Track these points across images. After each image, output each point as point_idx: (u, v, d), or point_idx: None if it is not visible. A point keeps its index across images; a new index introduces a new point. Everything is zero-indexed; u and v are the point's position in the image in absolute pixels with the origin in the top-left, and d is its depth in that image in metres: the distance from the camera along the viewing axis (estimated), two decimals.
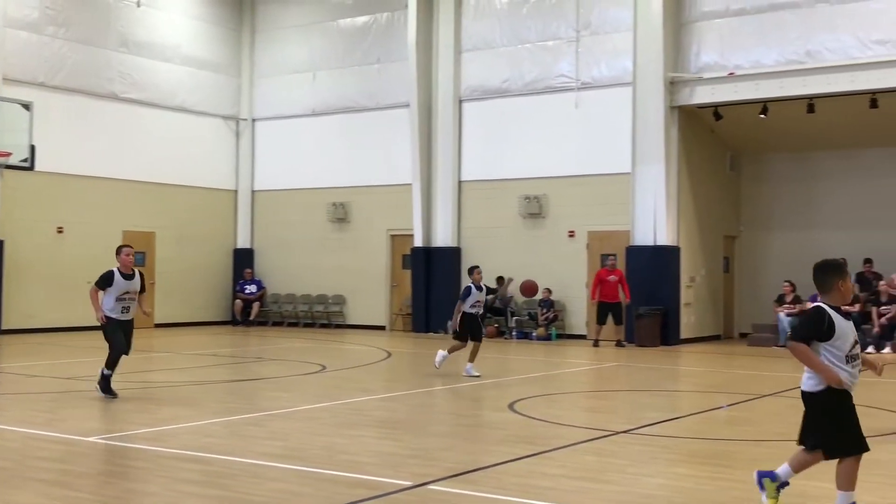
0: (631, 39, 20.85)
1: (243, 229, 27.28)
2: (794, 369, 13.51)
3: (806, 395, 5.93)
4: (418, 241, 23.94)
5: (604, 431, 9.47)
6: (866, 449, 5.93)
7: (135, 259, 11.71)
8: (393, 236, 25.12)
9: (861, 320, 19.78)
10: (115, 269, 11.36)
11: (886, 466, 8.05)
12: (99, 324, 11.31)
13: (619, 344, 20.39)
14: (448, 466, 7.65)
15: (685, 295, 21.08)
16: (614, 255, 20.84)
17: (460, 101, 23.80)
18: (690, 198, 21.52)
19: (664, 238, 20.47)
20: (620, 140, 21.02)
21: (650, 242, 20.52)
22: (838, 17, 19.06)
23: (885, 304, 19.63)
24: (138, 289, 11.47)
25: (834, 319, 5.78)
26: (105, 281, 11.25)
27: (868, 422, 10.06)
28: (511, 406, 11.00)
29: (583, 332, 22.01)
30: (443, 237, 23.73)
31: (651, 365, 16.81)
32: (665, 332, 20.47)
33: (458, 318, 14.15)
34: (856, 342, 5.92)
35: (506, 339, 22.24)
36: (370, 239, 25.31)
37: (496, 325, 22.31)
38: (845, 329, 5.81)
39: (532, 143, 22.65)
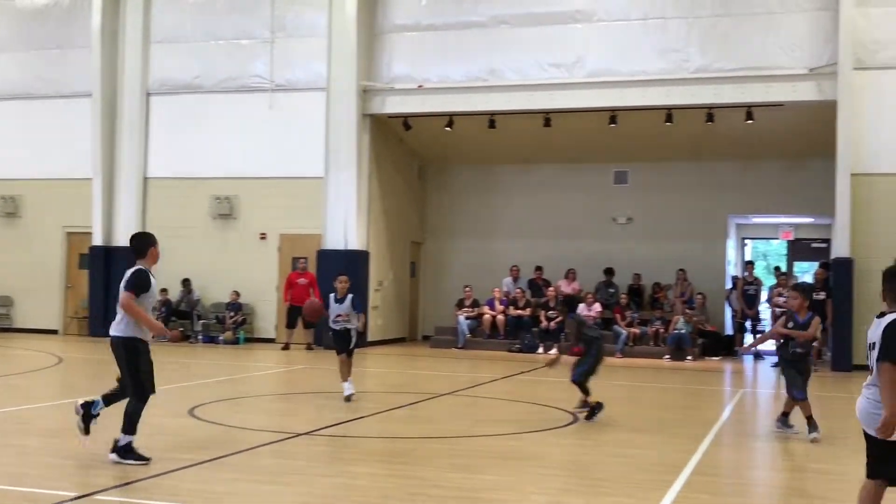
0: (326, 45, 21.01)
1: None
2: (470, 370, 14.18)
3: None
4: (97, 240, 22.60)
5: (285, 434, 9.41)
6: None
7: None
8: (70, 234, 23.53)
9: (532, 323, 21.31)
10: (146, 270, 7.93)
11: (541, 459, 8.64)
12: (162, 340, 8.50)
13: (308, 347, 20.42)
14: (117, 475, 7.25)
15: (373, 298, 21.53)
16: (305, 258, 20.87)
17: (148, 95, 22.78)
18: (380, 204, 22.04)
19: (355, 242, 20.79)
20: (314, 144, 21.08)
21: (341, 246, 20.75)
22: (519, 39, 20.36)
23: (553, 308, 21.20)
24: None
25: None
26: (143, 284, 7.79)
27: (543, 415, 10.77)
28: (191, 411, 10.64)
29: (272, 335, 21.82)
30: (124, 236, 22.55)
31: (337, 368, 16.94)
32: None
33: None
34: None
35: (192, 343, 21.53)
36: (43, 236, 23.53)
37: (181, 329, 21.53)
38: None
39: (224, 142, 22.16)
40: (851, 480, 7.91)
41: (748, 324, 21.09)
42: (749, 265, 22.19)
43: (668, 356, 19.68)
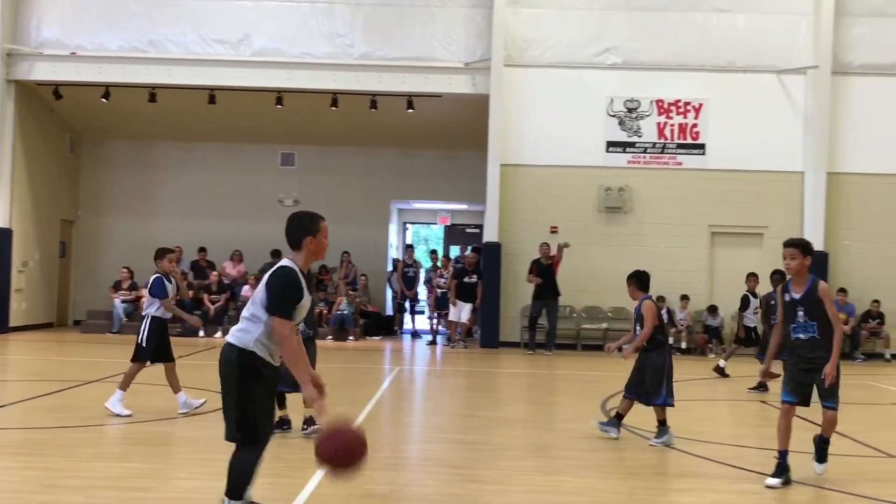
0: None
1: None
2: (124, 355, 13.48)
3: None
4: None
5: None
6: None
7: None
8: None
9: (194, 306, 20.69)
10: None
11: (197, 443, 8.43)
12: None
13: None
14: None
15: (17, 280, 19.86)
16: None
17: None
18: (26, 178, 20.34)
19: None
20: None
21: None
22: (182, 11, 19.63)
23: (215, 292, 20.74)
24: None
25: None
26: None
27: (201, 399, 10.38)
28: None
29: None
30: None
31: None
32: None
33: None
34: None
35: None
36: None
37: None
38: None
39: None
40: (489, 448, 8.48)
41: (407, 304, 21.94)
42: (409, 248, 23.07)
43: (330, 336, 19.97)
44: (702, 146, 19.47)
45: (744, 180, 19.27)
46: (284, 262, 5.34)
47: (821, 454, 7.40)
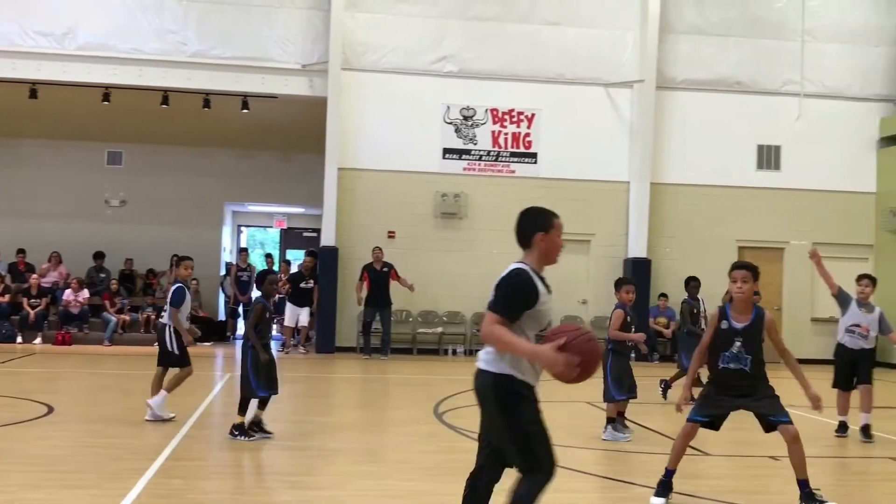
0: None
1: None
2: None
3: None
4: None
5: None
6: None
7: None
8: None
9: (12, 311, 19.59)
10: None
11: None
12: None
13: None
14: None
15: None
16: None
17: None
18: None
19: None
20: None
21: None
22: (1, 1, 18.58)
23: (35, 296, 19.71)
24: None
25: None
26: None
27: (16, 409, 9.83)
28: None
29: None
30: None
31: None
32: None
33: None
34: None
35: None
36: None
37: None
38: None
39: None
40: (321, 454, 8.39)
41: (241, 309, 21.47)
42: (243, 252, 22.61)
43: (157, 342, 19.25)
44: (534, 155, 19.98)
45: (573, 189, 19.88)
46: (515, 264, 4.74)
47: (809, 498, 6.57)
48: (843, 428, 9.98)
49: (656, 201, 20.02)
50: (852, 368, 9.88)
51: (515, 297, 4.58)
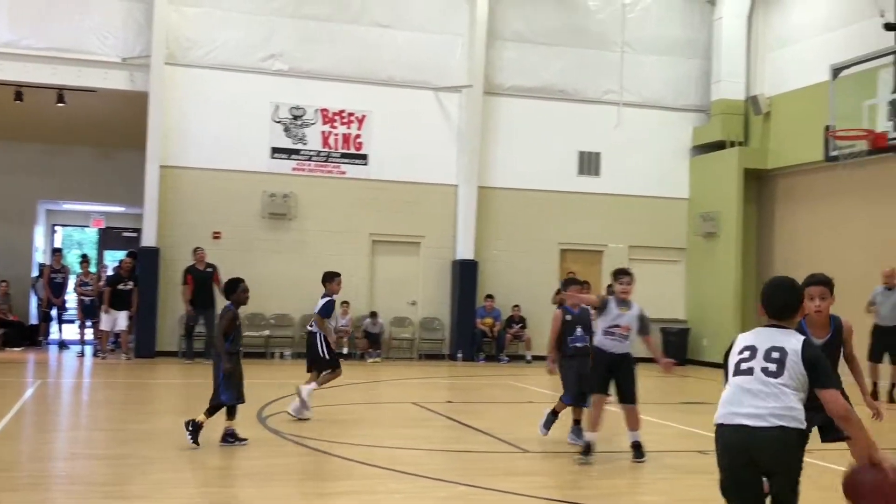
0: None
1: None
2: None
3: None
4: None
5: None
6: None
7: None
8: None
9: None
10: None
11: None
12: None
13: None
14: None
15: None
16: None
17: None
18: None
19: None
20: None
21: None
22: None
23: None
24: None
25: None
26: None
27: None
28: None
29: None
30: None
31: None
32: None
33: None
34: None
35: None
36: None
37: None
38: None
39: None
40: (136, 463, 8.08)
41: (54, 312, 20.40)
42: (57, 253, 21.50)
43: None
44: (364, 156, 19.96)
45: (403, 191, 20.00)
46: (795, 335, 4.49)
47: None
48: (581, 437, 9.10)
49: (484, 204, 20.39)
50: (609, 373, 8.66)
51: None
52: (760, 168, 20.30)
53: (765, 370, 4.34)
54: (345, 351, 19.01)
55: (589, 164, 21.26)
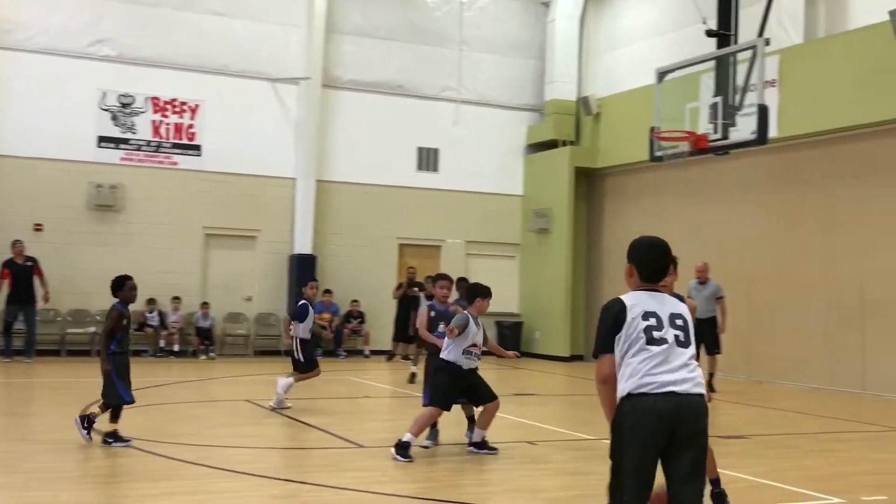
0: None
1: None
2: None
3: None
4: None
5: None
6: None
7: None
8: None
9: None
10: None
11: None
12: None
13: None
14: None
15: None
16: None
17: None
18: None
19: None
20: None
21: None
22: None
23: None
24: None
25: None
26: None
27: None
28: None
29: None
30: None
31: None
32: None
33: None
34: None
35: None
36: None
37: None
38: None
39: None
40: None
41: None
42: None
43: None
44: (198, 147, 19.41)
45: (239, 184, 19.58)
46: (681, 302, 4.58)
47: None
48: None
49: (322, 198, 20.21)
50: (461, 390, 8.69)
51: None
52: (591, 167, 21.01)
53: (676, 338, 4.31)
54: (176, 349, 18.47)
55: (427, 159, 21.43)
